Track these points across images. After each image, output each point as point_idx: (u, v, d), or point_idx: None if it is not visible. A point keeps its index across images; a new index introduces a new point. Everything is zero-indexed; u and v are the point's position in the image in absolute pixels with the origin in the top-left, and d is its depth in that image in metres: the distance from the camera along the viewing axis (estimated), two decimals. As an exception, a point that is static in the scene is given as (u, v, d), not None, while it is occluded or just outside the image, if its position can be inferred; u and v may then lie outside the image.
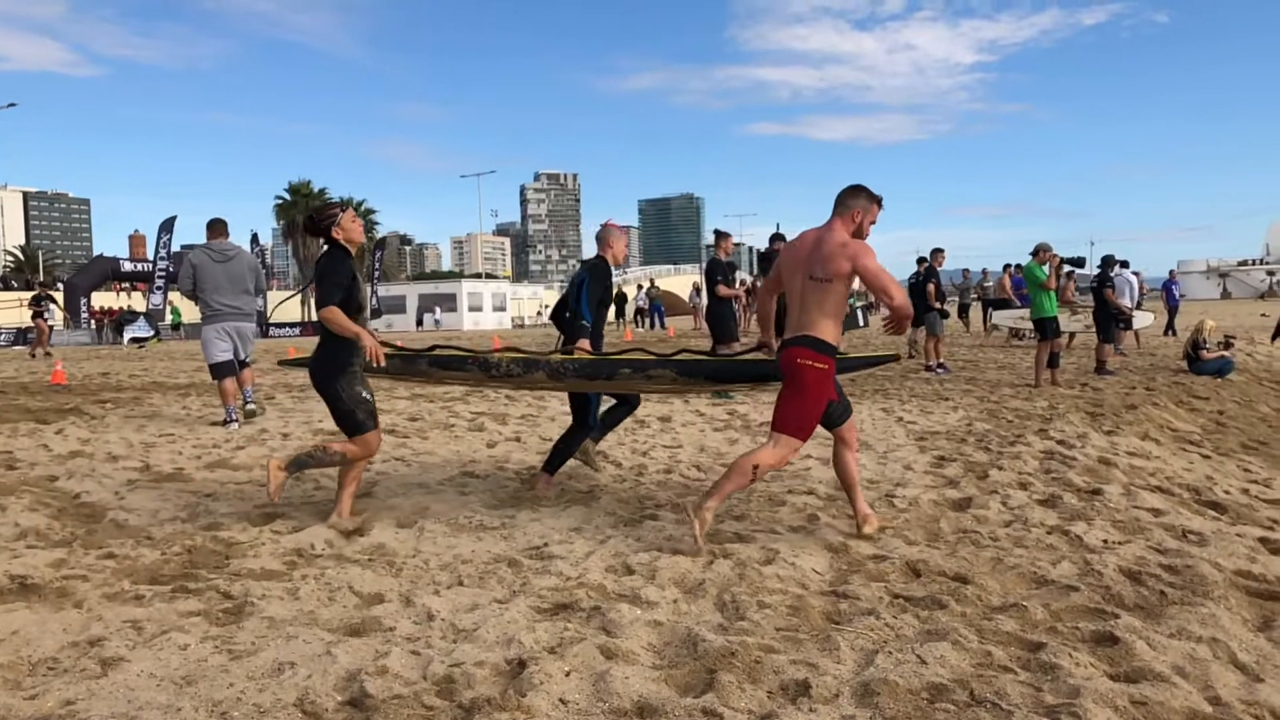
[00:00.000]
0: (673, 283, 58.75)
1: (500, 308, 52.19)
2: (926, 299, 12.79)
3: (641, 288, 37.86)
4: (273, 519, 4.60)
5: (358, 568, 3.78)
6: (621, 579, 3.60)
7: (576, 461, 5.48)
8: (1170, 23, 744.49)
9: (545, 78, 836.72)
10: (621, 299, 34.16)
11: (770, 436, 4.02)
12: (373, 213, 59.36)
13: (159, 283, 36.97)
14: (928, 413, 8.38)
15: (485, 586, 3.55)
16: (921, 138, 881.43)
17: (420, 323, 47.75)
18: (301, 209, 56.11)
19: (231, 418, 8.00)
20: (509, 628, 3.04)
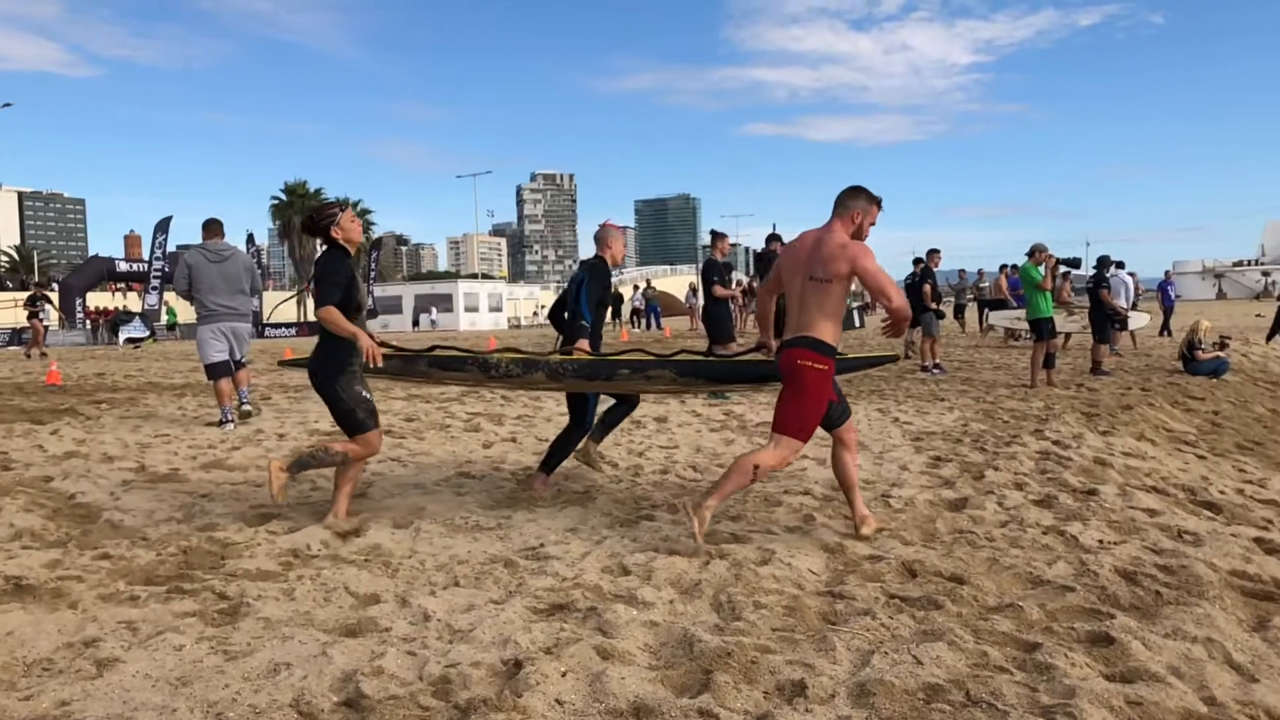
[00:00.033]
0: (669, 283, 58.71)
1: (496, 308, 52.11)
2: (923, 300, 12.82)
3: (637, 288, 37.83)
4: (268, 519, 4.60)
5: (353, 568, 3.78)
6: (618, 579, 3.60)
7: (573, 462, 5.48)
8: (1166, 23, 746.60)
9: (541, 78, 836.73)
10: (618, 300, 34.14)
11: (771, 438, 4.03)
12: (369, 213, 59.31)
13: (154, 283, 36.94)
14: (924, 413, 8.39)
15: (481, 587, 3.55)
16: (918, 138, 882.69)
17: (416, 323, 47.69)
18: (297, 209, 56.10)
19: (227, 418, 7.99)
20: (505, 628, 3.04)
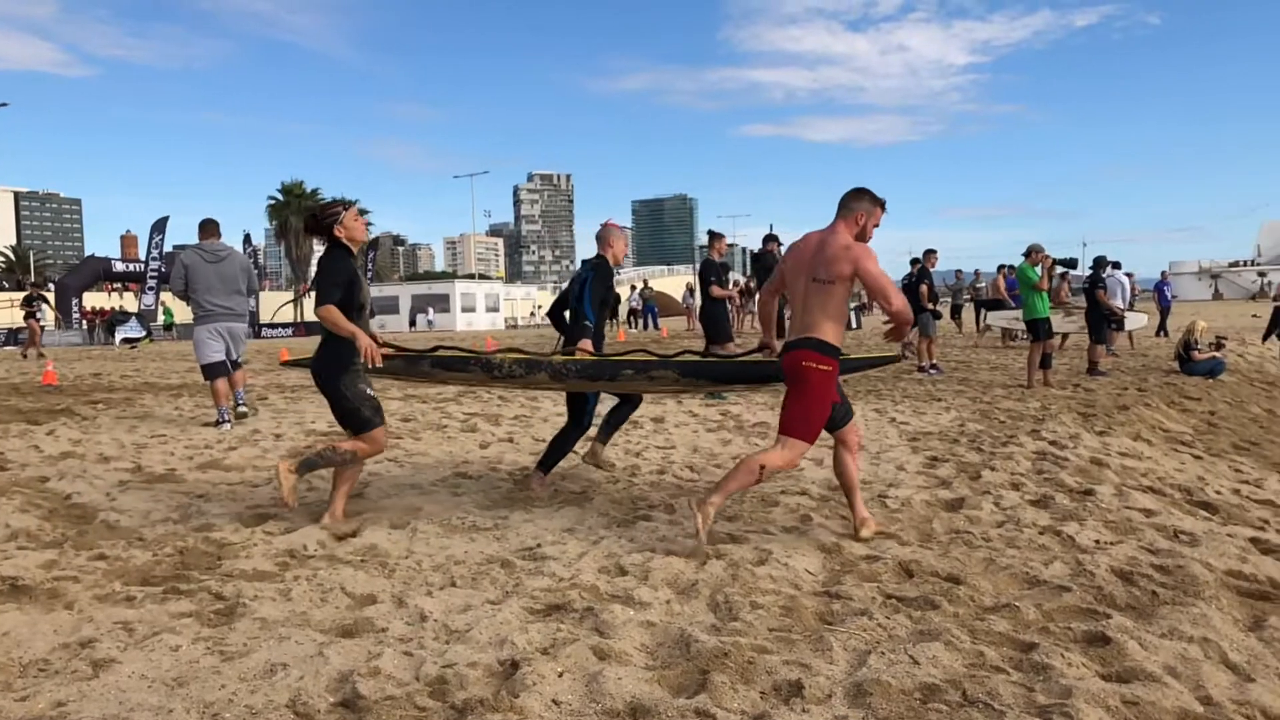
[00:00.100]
0: (666, 283, 58.68)
1: (493, 308, 52.09)
2: (919, 300, 12.84)
3: (634, 288, 37.79)
4: (265, 520, 4.59)
5: (350, 569, 3.77)
6: (614, 580, 3.60)
7: (570, 462, 5.48)
8: (1162, 24, 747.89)
9: (538, 78, 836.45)
10: (615, 300, 34.11)
11: (777, 439, 4.03)
12: (366, 213, 59.19)
13: (151, 283, 36.89)
14: (920, 413, 8.39)
15: (478, 587, 3.55)
16: (915, 139, 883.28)
17: (413, 323, 47.65)
18: (294, 209, 56.07)
19: (224, 418, 7.98)
20: (502, 629, 3.03)
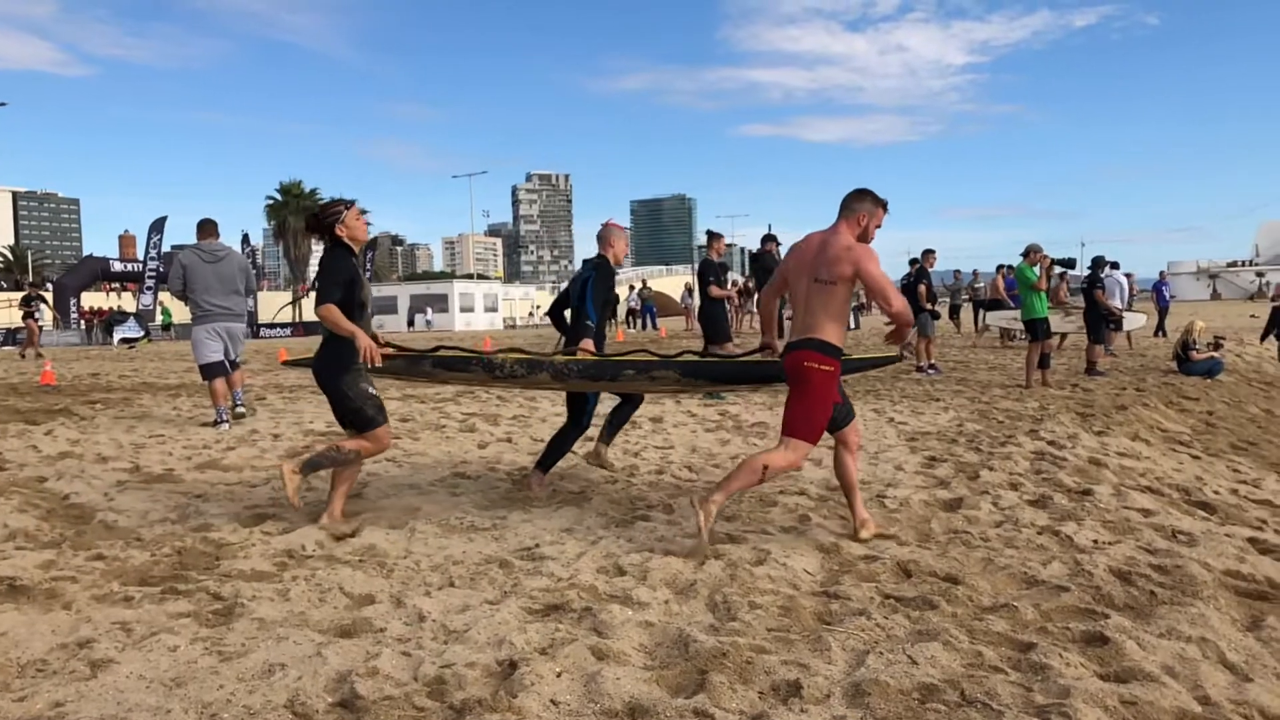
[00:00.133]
0: (664, 283, 58.66)
1: (492, 308, 52.05)
2: (918, 300, 12.85)
3: (633, 288, 37.79)
4: (263, 520, 4.59)
5: (348, 569, 3.77)
6: (613, 580, 3.60)
7: (569, 462, 5.47)
8: (1161, 24, 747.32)
9: (537, 78, 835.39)
10: (615, 300, 34.08)
11: (780, 440, 4.03)
12: (366, 212, 58.89)
13: (149, 283, 36.86)
14: (919, 413, 8.40)
15: (476, 587, 3.55)
16: (913, 139, 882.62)
17: (411, 323, 47.62)
18: (293, 209, 55.94)
19: (222, 418, 7.98)
20: (500, 629, 3.03)
